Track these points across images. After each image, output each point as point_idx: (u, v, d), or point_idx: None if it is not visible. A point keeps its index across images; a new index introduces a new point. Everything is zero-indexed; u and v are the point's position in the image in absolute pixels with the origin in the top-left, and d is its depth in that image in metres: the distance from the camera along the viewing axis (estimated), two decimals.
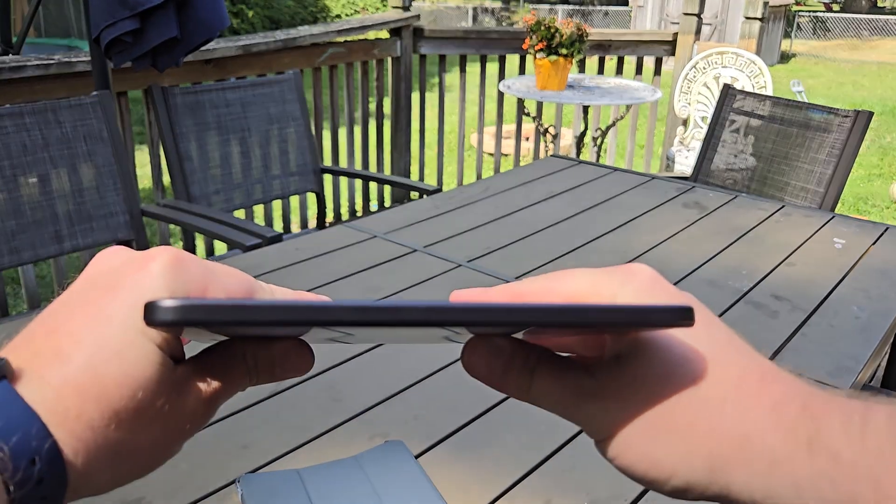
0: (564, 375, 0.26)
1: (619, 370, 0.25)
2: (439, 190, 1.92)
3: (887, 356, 1.39)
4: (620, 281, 0.27)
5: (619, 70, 3.27)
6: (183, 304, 0.20)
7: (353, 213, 3.03)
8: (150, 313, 0.20)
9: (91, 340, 0.23)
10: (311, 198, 2.40)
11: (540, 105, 3.17)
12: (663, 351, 0.25)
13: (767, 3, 3.27)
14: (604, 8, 12.51)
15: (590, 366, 0.26)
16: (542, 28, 2.63)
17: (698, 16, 3.17)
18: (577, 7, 12.33)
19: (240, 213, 2.08)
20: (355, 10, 10.52)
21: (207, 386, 0.25)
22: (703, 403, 0.24)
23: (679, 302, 0.26)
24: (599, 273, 0.27)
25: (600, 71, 3.24)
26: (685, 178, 2.08)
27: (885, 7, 13.50)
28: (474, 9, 12.84)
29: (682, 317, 0.23)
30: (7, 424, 0.21)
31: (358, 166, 3.05)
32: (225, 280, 0.25)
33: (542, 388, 0.26)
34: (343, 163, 2.99)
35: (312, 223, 2.72)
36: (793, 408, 0.24)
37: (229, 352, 0.26)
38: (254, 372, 0.26)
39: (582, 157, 3.38)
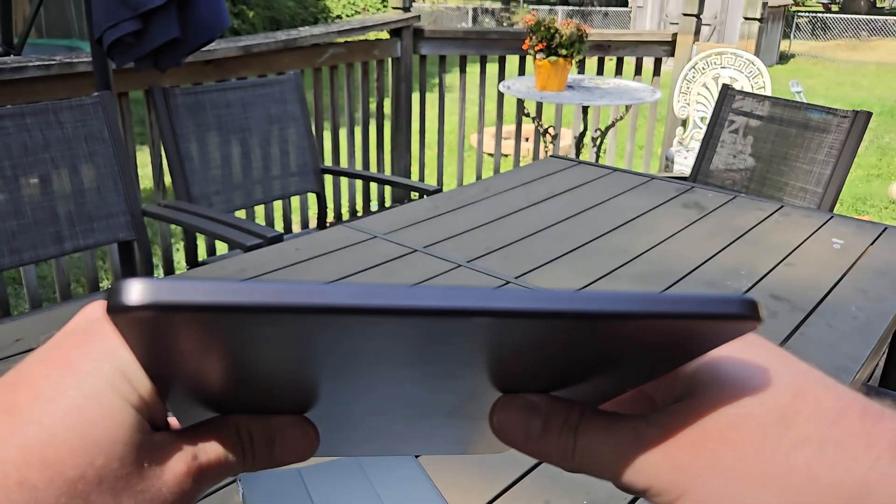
0: (616, 428, 0.22)
1: (684, 412, 0.21)
2: (439, 190, 1.92)
3: (885, 356, 1.39)
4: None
5: (619, 70, 3.27)
6: (155, 283, 0.16)
7: (353, 213, 3.03)
8: (115, 296, 0.16)
9: (48, 394, 0.19)
10: (312, 198, 2.40)
11: (540, 105, 3.17)
12: (735, 383, 0.21)
13: (766, 3, 3.28)
14: (603, 8, 12.51)
15: (645, 414, 0.22)
16: (542, 29, 2.64)
17: (697, 16, 3.18)
18: (576, 8, 12.33)
19: (241, 214, 2.08)
20: (356, 11, 10.53)
21: (192, 461, 0.21)
22: (799, 446, 0.19)
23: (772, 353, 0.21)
24: None
25: (600, 71, 3.24)
26: (684, 179, 2.09)
27: (883, 7, 13.51)
28: (474, 9, 12.84)
29: (748, 309, 0.18)
30: None
31: (358, 167, 3.05)
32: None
33: (590, 447, 0.22)
34: (343, 163, 2.99)
35: (313, 223, 2.73)
36: None
37: (221, 424, 0.22)
38: (249, 450, 0.23)
39: (581, 158, 3.38)
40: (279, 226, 2.77)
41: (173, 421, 0.23)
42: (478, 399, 0.23)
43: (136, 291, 0.16)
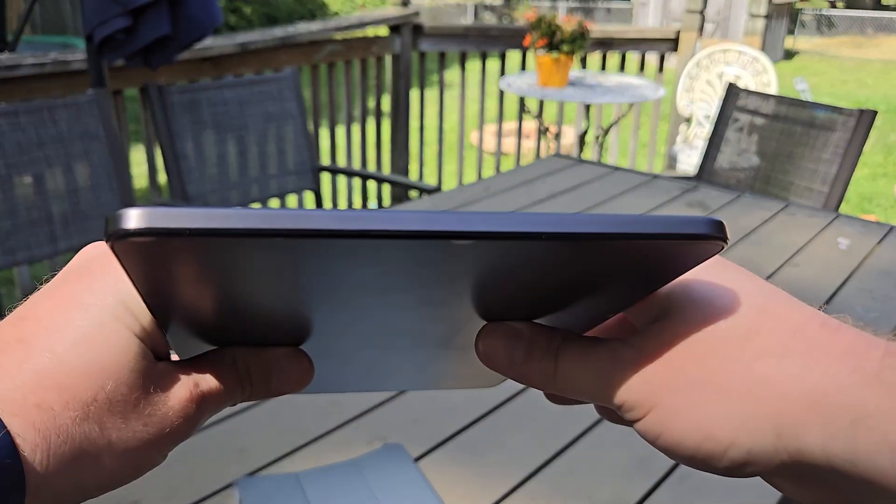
0: (595, 351, 0.23)
1: (657, 332, 0.22)
2: (439, 189, 1.91)
3: None
4: None
5: (622, 67, 3.25)
6: (152, 210, 0.16)
7: None
8: (114, 223, 0.16)
9: (57, 325, 0.20)
10: (309, 197, 2.38)
11: (541, 103, 3.15)
12: (705, 302, 0.22)
13: (771, 0, 3.25)
14: (606, 5, 12.48)
15: (624, 338, 0.23)
16: (544, 25, 2.61)
17: (701, 13, 3.15)
18: (578, 4, 12.31)
19: None
20: (354, 7, 10.51)
21: (195, 388, 0.22)
22: (760, 357, 0.20)
23: (743, 278, 0.22)
24: None
25: (602, 68, 3.22)
26: (689, 178, 2.06)
27: (889, 5, 13.47)
28: (475, 6, 12.82)
29: (715, 230, 0.19)
30: None
31: (356, 165, 3.03)
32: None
33: (570, 370, 0.23)
34: (341, 161, 2.97)
35: None
36: (873, 353, 0.20)
37: (218, 356, 0.24)
38: (246, 380, 0.24)
39: (584, 156, 3.36)
40: None
41: (174, 356, 0.24)
42: (465, 329, 0.24)
43: (134, 218, 0.16)
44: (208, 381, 0.23)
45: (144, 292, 0.20)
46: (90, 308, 0.21)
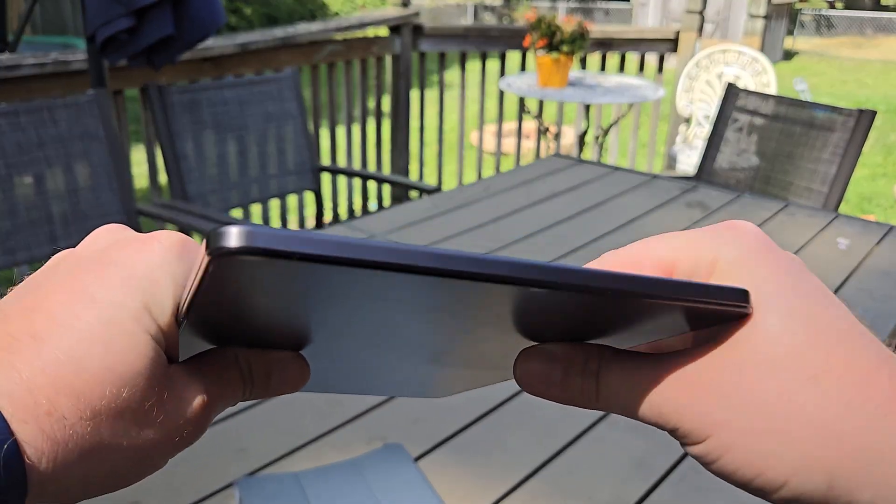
0: (638, 370, 0.22)
1: (709, 356, 0.21)
2: (439, 189, 1.91)
3: None
4: (721, 242, 0.22)
5: (622, 68, 3.25)
6: (255, 229, 0.16)
7: (351, 212, 3.01)
8: (218, 240, 0.16)
9: (71, 324, 0.19)
10: (310, 197, 2.39)
11: (541, 103, 3.15)
12: (771, 333, 0.21)
13: (771, 0, 3.25)
14: (605, 5, 12.47)
15: (667, 355, 0.22)
16: (544, 25, 2.61)
17: (701, 13, 3.15)
18: (578, 5, 12.30)
19: (237, 213, 2.07)
20: (354, 8, 10.50)
21: (206, 393, 0.22)
22: (822, 405, 0.20)
23: (784, 266, 0.22)
24: (695, 234, 0.23)
25: (602, 68, 3.22)
26: (688, 178, 2.06)
27: (888, 5, 13.46)
28: (475, 6, 12.81)
29: (736, 298, 0.20)
30: None
31: (356, 165, 3.03)
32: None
33: (613, 390, 0.22)
34: (341, 161, 2.97)
35: (310, 223, 2.71)
36: None
37: (220, 355, 0.23)
38: (248, 379, 0.23)
39: (584, 156, 3.36)
40: (275, 225, 2.75)
41: None
42: (498, 344, 0.24)
43: (243, 236, 0.16)
44: (217, 385, 0.23)
45: (202, 302, 0.19)
46: (108, 307, 0.20)
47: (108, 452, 0.20)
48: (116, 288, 0.20)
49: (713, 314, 0.21)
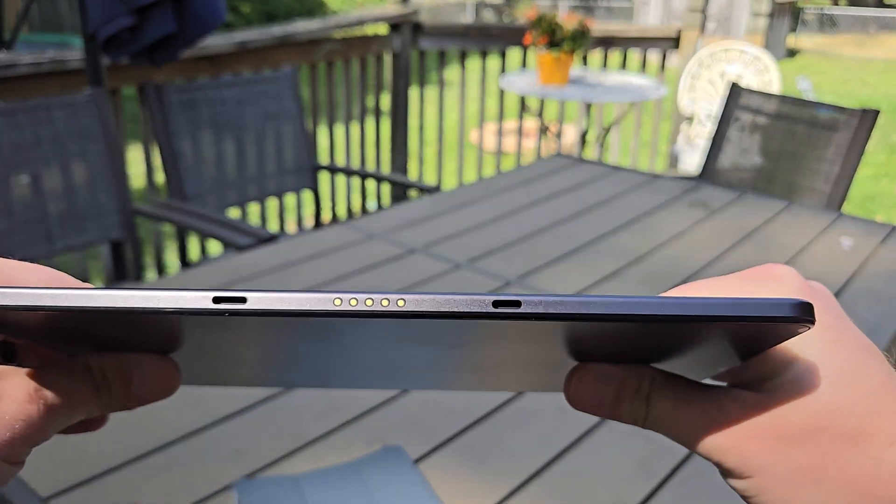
0: (688, 401, 0.23)
1: (756, 402, 0.22)
2: (438, 188, 1.89)
3: None
4: (759, 288, 0.23)
5: (623, 66, 3.23)
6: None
7: (350, 211, 3.00)
8: None
9: None
10: (308, 196, 2.37)
11: (542, 101, 3.14)
12: (812, 386, 0.21)
13: None
14: (607, 3, 12.46)
15: (717, 393, 0.23)
16: (545, 23, 2.60)
17: (703, 11, 3.13)
18: (579, 3, 12.29)
19: (235, 212, 2.06)
20: (353, 5, 10.49)
21: (35, 391, 0.21)
22: (871, 470, 0.20)
23: (828, 321, 0.22)
24: (737, 283, 0.23)
25: (604, 67, 3.20)
26: (691, 178, 2.05)
27: (892, 3, 13.42)
28: (475, 4, 12.80)
29: (801, 313, 0.19)
30: None
31: (355, 164, 3.02)
32: (24, 274, 0.21)
33: (662, 415, 0.23)
34: (340, 160, 2.96)
35: (309, 222, 2.70)
36: None
37: (71, 359, 0.22)
38: (104, 385, 0.22)
39: (585, 155, 3.35)
40: (274, 224, 2.74)
41: None
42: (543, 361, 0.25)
43: None
44: (54, 383, 0.21)
45: None
46: None
47: None
48: None
49: (770, 334, 0.20)
